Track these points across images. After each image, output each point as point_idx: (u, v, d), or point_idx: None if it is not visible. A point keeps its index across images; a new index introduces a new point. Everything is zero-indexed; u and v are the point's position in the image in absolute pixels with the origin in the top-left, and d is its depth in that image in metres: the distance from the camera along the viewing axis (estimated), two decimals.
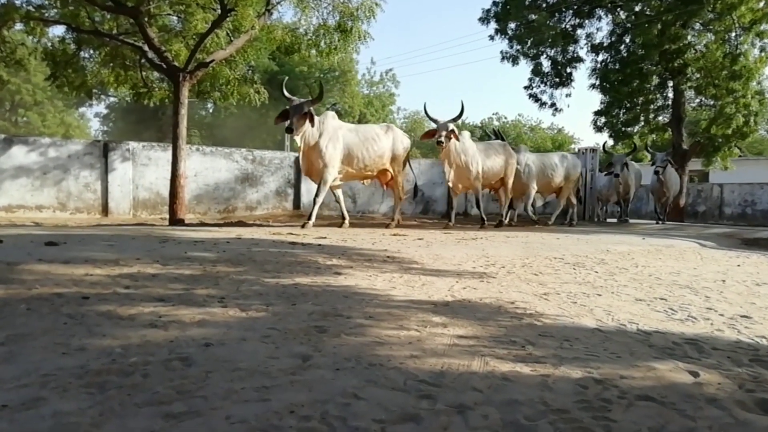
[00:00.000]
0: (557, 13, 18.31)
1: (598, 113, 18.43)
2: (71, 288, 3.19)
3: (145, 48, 10.37)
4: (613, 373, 2.02)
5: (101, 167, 12.55)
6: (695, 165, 20.57)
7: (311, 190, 14.23)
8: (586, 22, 18.53)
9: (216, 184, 14.05)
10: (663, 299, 3.65)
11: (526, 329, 2.67)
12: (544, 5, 18.24)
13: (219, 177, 14.06)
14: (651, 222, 15.49)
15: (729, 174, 20.07)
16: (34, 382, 1.74)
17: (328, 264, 4.68)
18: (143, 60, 11.39)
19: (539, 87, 19.28)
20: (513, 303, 3.31)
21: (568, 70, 18.90)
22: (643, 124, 18.35)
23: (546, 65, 19.00)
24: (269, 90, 14.84)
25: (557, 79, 18.96)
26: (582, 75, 35.17)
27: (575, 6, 18.28)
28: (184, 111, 10.26)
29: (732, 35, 15.75)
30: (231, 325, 2.52)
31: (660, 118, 18.52)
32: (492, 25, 18.83)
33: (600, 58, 18.39)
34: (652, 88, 17.83)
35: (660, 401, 1.75)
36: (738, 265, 5.95)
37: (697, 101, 18.59)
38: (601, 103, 18.44)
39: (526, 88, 19.39)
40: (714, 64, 15.78)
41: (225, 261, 4.51)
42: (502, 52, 19.13)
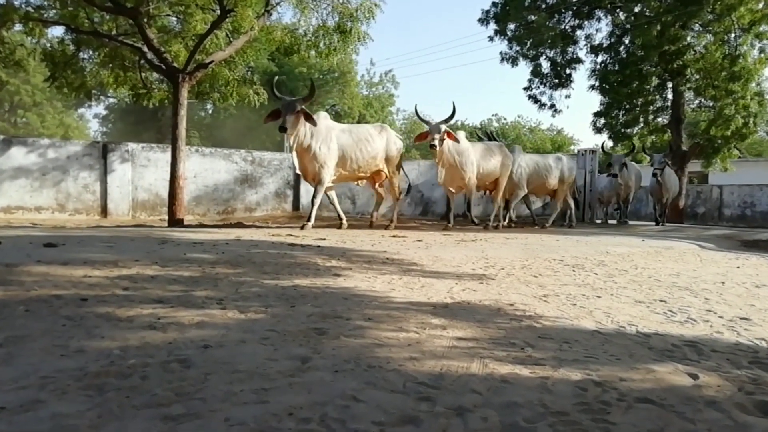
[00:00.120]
0: (557, 14, 18.31)
1: (597, 114, 18.43)
2: (70, 289, 3.18)
3: (145, 49, 10.37)
4: (613, 376, 2.02)
5: (100, 168, 12.55)
6: (695, 166, 20.57)
7: (310, 191, 14.20)
8: (585, 23, 18.53)
9: (215, 185, 14.05)
10: (662, 301, 3.65)
11: (525, 331, 2.67)
12: (543, 6, 18.25)
13: (218, 178, 14.06)
14: (650, 223, 15.49)
15: (728, 175, 20.08)
16: (32, 384, 1.74)
17: (327, 266, 4.68)
18: (142, 61, 11.39)
19: (539, 88, 19.28)
20: (512, 305, 3.31)
21: (567, 71, 18.89)
22: (643, 125, 18.35)
23: (545, 66, 19.01)
24: (268, 91, 14.82)
25: (557, 80, 18.95)
26: (581, 76, 35.21)
27: (575, 7, 18.29)
28: (183, 112, 10.26)
29: (731, 36, 15.75)
30: (230, 327, 2.51)
31: (659, 119, 18.52)
32: (491, 26, 18.82)
33: (599, 59, 18.39)
34: (651, 89, 17.82)
35: (659, 404, 1.75)
36: (737, 267, 5.95)
37: (697, 102, 18.59)
38: (601, 105, 18.44)
39: (525, 89, 19.39)
40: (713, 65, 15.79)
41: (224, 262, 4.51)
42: (501, 53, 19.13)
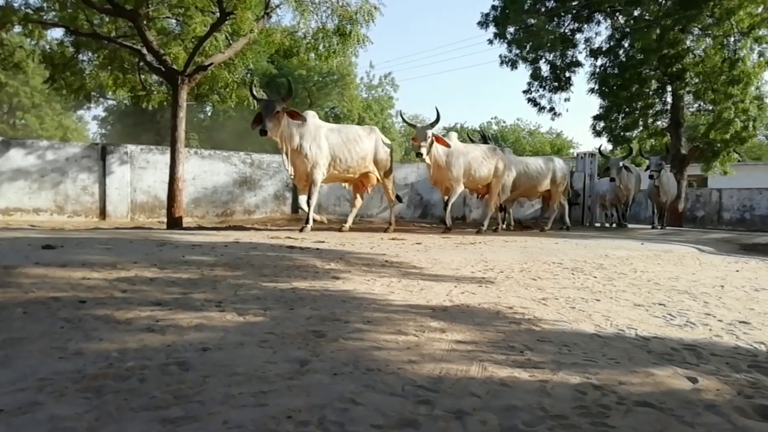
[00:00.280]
0: (556, 18, 18.34)
1: (597, 118, 18.45)
2: (68, 292, 3.18)
3: (144, 51, 10.37)
4: (612, 379, 2.02)
5: (99, 170, 12.54)
6: (694, 170, 20.59)
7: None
8: (585, 26, 18.56)
9: (214, 187, 14.05)
10: (662, 305, 3.65)
11: (524, 334, 2.67)
12: (543, 9, 18.28)
13: (217, 180, 14.06)
14: (649, 227, 15.49)
15: (728, 179, 20.11)
16: (30, 386, 1.73)
17: (326, 268, 4.68)
18: (142, 63, 11.39)
19: (538, 91, 19.32)
20: (511, 308, 3.31)
21: (566, 74, 18.93)
22: (642, 128, 18.37)
23: (545, 69, 19.04)
24: (268, 93, 14.85)
25: (556, 84, 18.98)
26: (581, 79, 35.23)
27: (574, 10, 18.33)
28: (182, 114, 10.25)
29: (731, 40, 15.78)
30: (228, 330, 2.51)
31: (659, 122, 18.54)
32: (491, 29, 18.87)
33: (599, 62, 18.42)
34: (650, 92, 17.85)
35: (658, 407, 1.75)
36: (737, 271, 5.95)
37: (696, 106, 18.62)
38: (600, 108, 18.46)
39: (524, 92, 19.43)
40: (713, 68, 15.81)
41: (223, 265, 4.50)
42: (501, 56, 19.16)
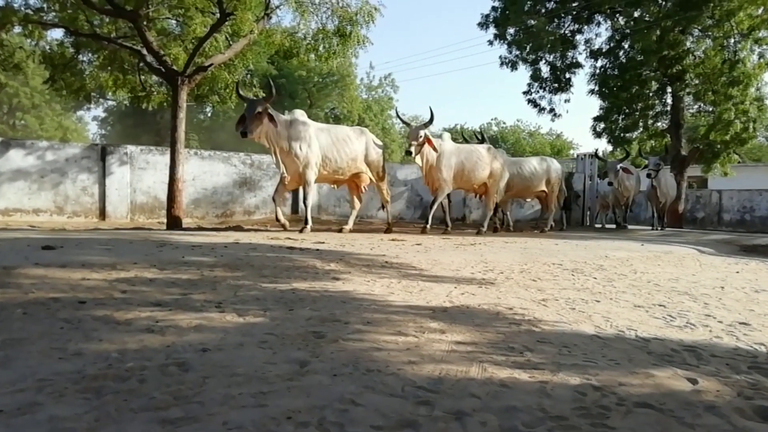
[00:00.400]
0: (556, 19, 18.34)
1: (597, 119, 18.44)
2: (68, 292, 3.18)
3: (144, 52, 10.36)
4: (612, 380, 2.02)
5: (99, 171, 12.53)
6: (695, 171, 20.58)
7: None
8: (585, 27, 18.55)
9: (214, 188, 14.04)
10: (662, 306, 3.65)
11: (524, 335, 2.67)
12: (543, 11, 18.28)
13: (217, 181, 14.04)
14: (650, 228, 15.49)
15: (728, 180, 20.07)
16: (30, 386, 1.73)
17: (326, 269, 4.68)
18: (142, 64, 11.38)
19: (538, 92, 19.29)
20: (511, 309, 3.31)
21: (567, 75, 18.91)
22: (642, 129, 18.35)
23: (545, 71, 19.02)
24: (267, 94, 14.81)
25: (556, 85, 18.97)
26: (581, 80, 35.19)
27: (574, 12, 18.32)
28: (182, 115, 10.24)
29: (731, 41, 15.77)
30: (228, 331, 2.51)
31: (659, 124, 18.53)
32: (491, 31, 18.85)
33: (599, 63, 18.40)
34: (650, 93, 17.84)
35: (658, 408, 1.75)
36: (737, 272, 5.95)
37: (696, 107, 18.61)
38: (600, 109, 18.44)
39: (525, 93, 19.40)
40: (713, 70, 15.80)
41: (223, 266, 4.50)
42: (501, 57, 19.14)
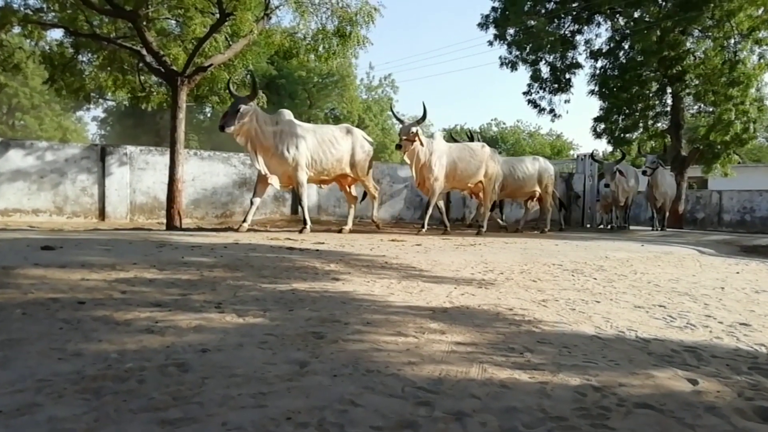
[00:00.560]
0: (556, 19, 18.36)
1: (597, 119, 18.45)
2: (67, 293, 3.17)
3: (144, 52, 10.35)
4: (612, 381, 2.01)
5: (98, 171, 12.52)
6: (695, 172, 20.59)
7: (310, 195, 14.21)
8: (585, 28, 18.58)
9: (214, 188, 14.03)
10: (662, 306, 3.64)
11: (524, 336, 2.66)
12: (543, 11, 18.30)
13: (217, 181, 14.03)
14: (650, 228, 15.49)
15: (728, 181, 20.09)
16: (29, 387, 1.73)
17: (325, 269, 4.67)
18: (141, 64, 11.37)
19: (538, 93, 19.32)
20: (511, 310, 3.30)
21: (566, 76, 18.93)
22: (642, 130, 18.37)
23: (545, 71, 19.05)
24: (268, 95, 14.83)
25: (556, 85, 18.99)
26: (581, 81, 35.15)
27: (574, 12, 18.34)
28: (182, 115, 10.23)
29: (731, 42, 15.79)
30: (228, 331, 2.51)
31: (659, 124, 18.56)
32: (491, 31, 18.88)
33: (599, 64, 18.44)
34: (650, 94, 17.86)
35: (659, 409, 1.75)
36: (737, 273, 5.95)
37: (696, 108, 18.63)
38: (600, 110, 18.47)
39: (525, 93, 19.43)
40: (713, 70, 15.82)
41: (222, 266, 4.50)
42: (501, 57, 19.18)
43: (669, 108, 17.99)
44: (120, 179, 12.73)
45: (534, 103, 19.48)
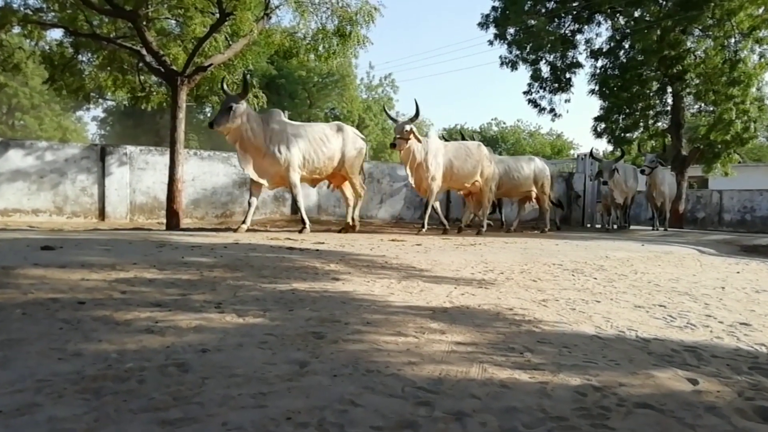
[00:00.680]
0: (556, 19, 18.35)
1: (597, 119, 18.44)
2: (67, 293, 3.17)
3: (143, 52, 10.35)
4: (612, 381, 2.01)
5: (98, 171, 12.51)
6: (695, 171, 20.58)
7: (309, 195, 14.22)
8: (585, 27, 18.56)
9: (214, 188, 14.02)
10: (662, 306, 3.64)
11: (524, 336, 2.66)
12: (543, 11, 18.29)
13: (217, 181, 14.02)
14: (650, 228, 15.47)
15: (728, 180, 20.07)
16: (29, 387, 1.73)
17: (325, 269, 4.67)
18: (141, 64, 11.37)
19: (538, 92, 19.30)
20: (511, 309, 3.30)
21: (567, 75, 18.92)
22: (643, 129, 18.36)
23: (545, 71, 19.04)
24: (268, 94, 14.81)
25: (556, 85, 18.97)
26: (581, 80, 35.28)
27: (574, 11, 18.33)
28: (182, 115, 10.23)
29: (731, 41, 15.78)
30: (228, 331, 2.50)
31: (659, 123, 18.54)
32: (491, 30, 18.87)
33: (599, 63, 18.42)
34: (651, 93, 17.85)
35: (659, 409, 1.74)
36: (737, 272, 5.95)
37: (697, 107, 18.62)
38: (601, 109, 18.45)
39: (525, 93, 19.42)
40: (713, 69, 15.81)
41: (222, 266, 4.50)
42: (501, 57, 19.16)
43: (669, 107, 17.97)
44: (120, 179, 12.72)
45: (534, 103, 19.48)
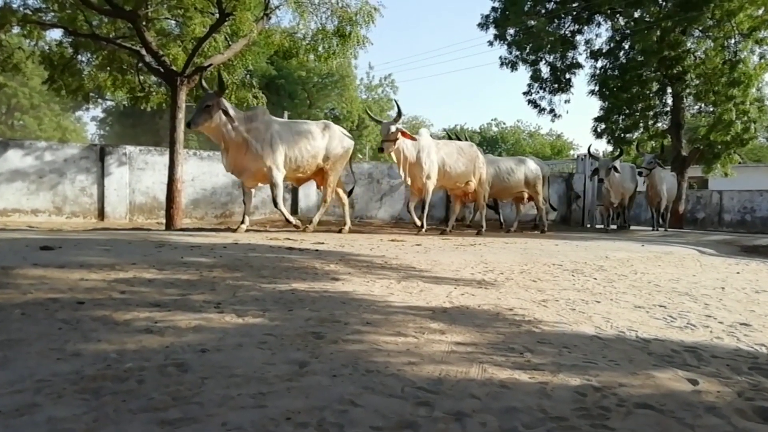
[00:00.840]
0: (556, 19, 18.37)
1: (597, 119, 18.46)
2: (66, 293, 3.17)
3: (143, 52, 10.35)
4: (612, 381, 2.01)
5: (98, 171, 12.51)
6: (696, 171, 20.59)
7: (309, 195, 14.23)
8: (585, 28, 18.59)
9: (213, 188, 14.02)
10: (662, 306, 3.64)
11: (524, 336, 2.66)
12: (543, 11, 18.31)
13: (216, 182, 14.02)
14: (650, 228, 15.47)
15: (728, 181, 20.09)
16: (28, 387, 1.72)
17: (325, 269, 4.67)
18: (141, 64, 11.36)
19: (538, 93, 19.33)
20: (511, 310, 3.30)
21: (567, 76, 18.95)
22: (643, 130, 18.38)
23: (545, 71, 19.07)
24: (267, 95, 14.81)
25: (556, 85, 19.00)
26: (581, 81, 35.18)
27: (574, 12, 18.35)
28: (181, 115, 10.22)
29: (731, 42, 15.80)
30: (227, 331, 2.50)
31: (659, 124, 18.56)
32: (491, 31, 18.91)
33: (599, 64, 18.46)
34: (651, 94, 17.87)
35: (659, 409, 1.74)
36: (737, 273, 5.94)
37: (697, 108, 18.65)
38: (601, 110, 18.47)
39: (525, 93, 19.44)
40: (713, 70, 15.83)
41: (221, 266, 4.50)
42: (501, 57, 19.20)
43: (669, 108, 18.00)
44: (119, 179, 12.72)
45: (534, 103, 19.50)
